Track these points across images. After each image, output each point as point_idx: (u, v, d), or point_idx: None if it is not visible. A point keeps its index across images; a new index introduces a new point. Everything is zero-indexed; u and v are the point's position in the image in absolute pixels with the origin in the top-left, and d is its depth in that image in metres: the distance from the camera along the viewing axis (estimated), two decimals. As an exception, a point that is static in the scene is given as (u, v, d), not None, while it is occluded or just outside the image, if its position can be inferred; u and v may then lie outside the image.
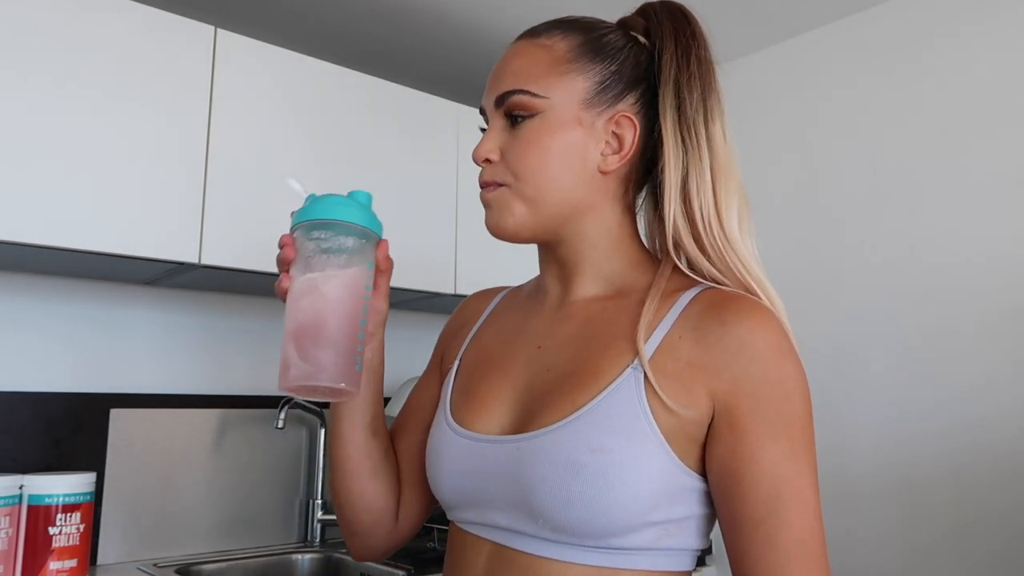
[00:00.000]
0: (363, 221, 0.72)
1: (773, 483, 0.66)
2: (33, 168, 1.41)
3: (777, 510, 0.65)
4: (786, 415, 0.67)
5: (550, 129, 0.74)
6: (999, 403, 1.67)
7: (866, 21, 1.99)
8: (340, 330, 0.70)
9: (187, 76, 1.59)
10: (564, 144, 0.74)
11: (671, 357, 0.69)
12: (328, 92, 1.80)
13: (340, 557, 1.85)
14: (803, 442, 0.67)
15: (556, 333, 0.79)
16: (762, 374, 0.67)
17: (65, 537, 1.47)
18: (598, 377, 0.71)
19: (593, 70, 0.76)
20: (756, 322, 0.69)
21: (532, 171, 0.74)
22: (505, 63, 0.78)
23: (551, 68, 0.75)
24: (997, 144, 1.73)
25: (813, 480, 0.67)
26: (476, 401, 0.79)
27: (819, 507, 0.67)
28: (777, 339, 0.68)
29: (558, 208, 0.75)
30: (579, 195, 0.76)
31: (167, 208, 1.54)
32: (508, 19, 2.06)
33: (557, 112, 0.74)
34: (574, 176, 0.75)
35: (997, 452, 1.66)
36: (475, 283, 1.98)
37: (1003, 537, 1.63)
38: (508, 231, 0.76)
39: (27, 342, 1.70)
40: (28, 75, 1.42)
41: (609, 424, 0.68)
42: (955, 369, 1.74)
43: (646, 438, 0.67)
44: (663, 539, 0.69)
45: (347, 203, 0.72)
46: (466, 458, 0.76)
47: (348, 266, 0.72)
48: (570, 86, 0.75)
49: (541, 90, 0.74)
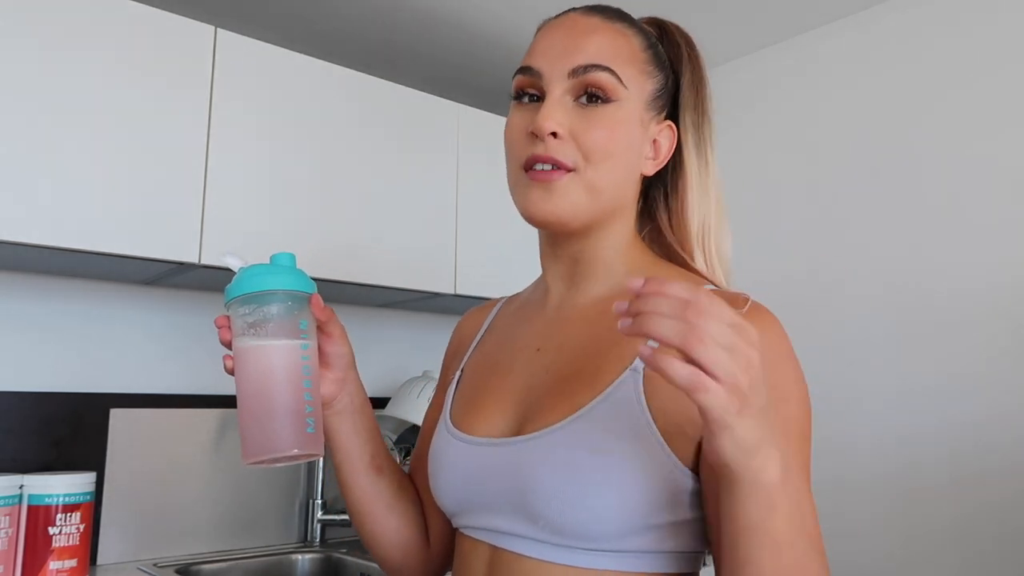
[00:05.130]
0: (284, 285, 0.72)
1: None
2: (33, 168, 1.41)
3: None
4: (783, 419, 0.65)
5: (625, 121, 0.74)
6: (998, 401, 1.67)
7: (866, 21, 1.99)
8: (282, 400, 0.71)
9: (187, 76, 1.59)
10: (630, 139, 0.75)
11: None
12: (328, 92, 1.80)
13: (340, 557, 1.85)
14: (798, 443, 0.66)
15: (556, 335, 0.78)
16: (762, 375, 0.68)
17: (65, 537, 1.47)
18: (598, 378, 0.70)
19: (657, 76, 0.78)
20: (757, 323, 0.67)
21: (603, 159, 0.72)
22: (583, 35, 0.74)
23: (633, 60, 0.75)
24: (998, 144, 1.73)
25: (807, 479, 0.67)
26: (475, 405, 0.79)
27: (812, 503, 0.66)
28: (777, 342, 0.68)
29: (611, 202, 0.75)
30: (626, 192, 0.77)
31: (167, 208, 1.54)
32: (508, 19, 2.06)
33: (631, 105, 0.74)
34: (629, 173, 0.76)
35: (996, 450, 1.66)
36: (475, 283, 1.98)
37: (1001, 534, 1.63)
38: (560, 216, 0.73)
39: (27, 342, 1.70)
40: (28, 74, 1.42)
41: (608, 425, 0.67)
42: (954, 368, 1.74)
43: (645, 439, 0.66)
44: (664, 541, 0.68)
45: (266, 271, 0.72)
46: (465, 462, 0.75)
47: (278, 334, 0.72)
48: (643, 85, 0.76)
49: (627, 79, 0.74)
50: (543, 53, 0.75)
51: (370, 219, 1.83)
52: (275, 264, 0.74)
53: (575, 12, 0.78)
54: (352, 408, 0.82)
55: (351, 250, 1.79)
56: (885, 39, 1.95)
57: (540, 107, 0.73)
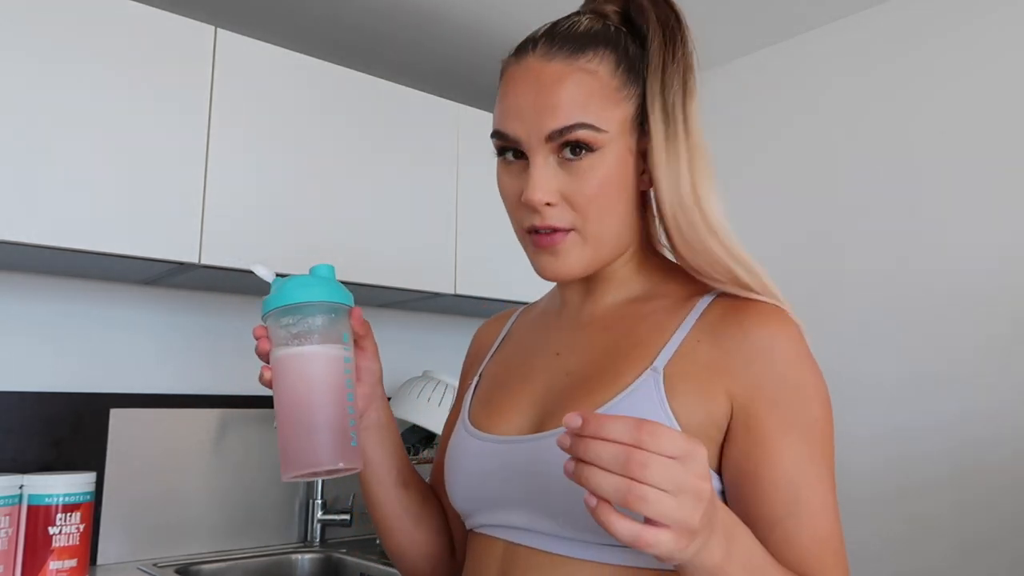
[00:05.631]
0: (328, 296, 0.72)
1: (792, 485, 0.66)
2: (33, 168, 1.41)
3: (797, 512, 0.66)
4: (804, 419, 0.67)
5: (613, 165, 0.70)
6: (996, 393, 1.67)
7: (866, 21, 1.99)
8: (327, 411, 0.69)
9: (187, 76, 1.59)
10: (622, 177, 0.71)
11: (689, 360, 0.70)
12: (328, 92, 1.80)
13: (340, 557, 1.85)
14: (822, 446, 0.68)
15: (575, 340, 0.78)
16: (781, 378, 0.68)
17: (65, 537, 1.47)
18: (618, 378, 0.70)
19: (635, 93, 0.72)
20: (776, 327, 0.69)
21: (601, 212, 0.70)
22: (549, 90, 0.70)
23: (606, 98, 0.70)
24: (998, 144, 1.73)
25: (831, 482, 0.68)
26: (494, 406, 0.79)
27: (836, 507, 0.68)
28: (796, 345, 0.69)
29: (618, 243, 0.74)
30: (630, 221, 0.74)
31: (167, 208, 1.54)
32: (509, 19, 2.06)
33: (616, 145, 0.70)
34: (629, 208, 0.73)
35: (993, 442, 1.66)
36: (475, 283, 1.99)
37: (999, 526, 1.63)
38: (571, 275, 0.73)
39: (27, 342, 1.70)
40: (28, 75, 1.42)
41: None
42: (952, 361, 1.74)
43: None
44: None
45: (309, 282, 0.72)
46: (483, 460, 0.76)
47: (324, 342, 0.71)
48: (623, 115, 0.71)
49: (603, 123, 0.69)
50: (515, 115, 0.71)
51: (370, 219, 1.83)
52: (316, 275, 0.73)
53: (534, 56, 0.72)
54: (379, 424, 0.82)
55: (351, 250, 1.79)
56: (885, 39, 1.95)
57: (527, 169, 0.71)
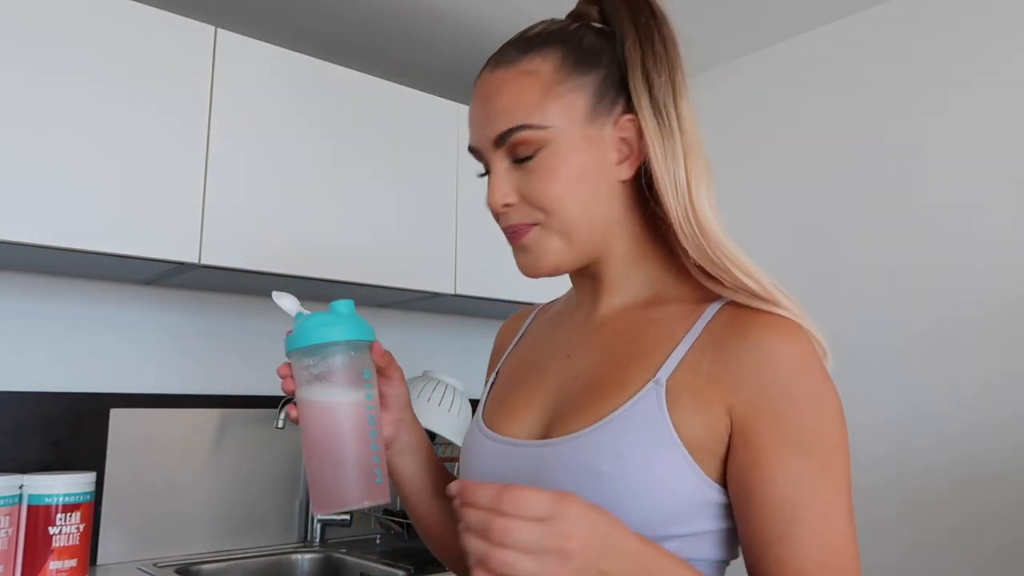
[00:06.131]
0: (347, 336, 0.72)
1: (788, 504, 0.64)
2: (33, 168, 1.41)
3: (791, 533, 0.63)
4: (806, 433, 0.65)
5: (563, 156, 0.71)
6: (999, 400, 1.67)
7: (866, 21, 1.99)
8: (350, 454, 0.72)
9: (187, 76, 1.59)
10: (580, 168, 0.71)
11: (692, 372, 0.68)
12: (328, 92, 1.80)
13: (340, 557, 1.85)
14: (828, 461, 0.65)
15: (586, 343, 0.78)
16: (782, 391, 0.65)
17: (65, 537, 1.47)
18: (623, 387, 0.70)
19: (586, 81, 0.72)
20: (780, 337, 0.67)
21: (559, 203, 0.71)
22: (491, 99, 0.73)
23: (545, 93, 0.71)
24: (998, 143, 1.73)
25: (839, 501, 0.65)
26: (507, 407, 0.80)
27: (847, 529, 0.65)
28: (801, 355, 0.66)
29: (591, 232, 0.73)
30: (607, 212, 0.74)
31: (167, 208, 1.54)
32: (509, 18, 2.06)
33: (564, 137, 0.71)
34: (598, 196, 0.72)
35: (998, 455, 1.66)
36: (475, 283, 1.98)
37: (1003, 539, 1.63)
38: (547, 269, 0.74)
39: (27, 342, 1.70)
40: (28, 75, 1.42)
41: (632, 434, 0.67)
42: (955, 367, 1.74)
43: (668, 450, 0.66)
44: (686, 550, 0.68)
45: (329, 321, 0.72)
46: (494, 461, 0.76)
47: (344, 384, 0.72)
48: (570, 106, 0.71)
49: (542, 120, 0.71)
50: (471, 129, 0.76)
51: (370, 219, 1.83)
52: (335, 313, 0.73)
53: (486, 70, 0.75)
54: (411, 446, 0.84)
55: (351, 250, 1.79)
56: (885, 39, 1.95)
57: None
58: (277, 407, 1.90)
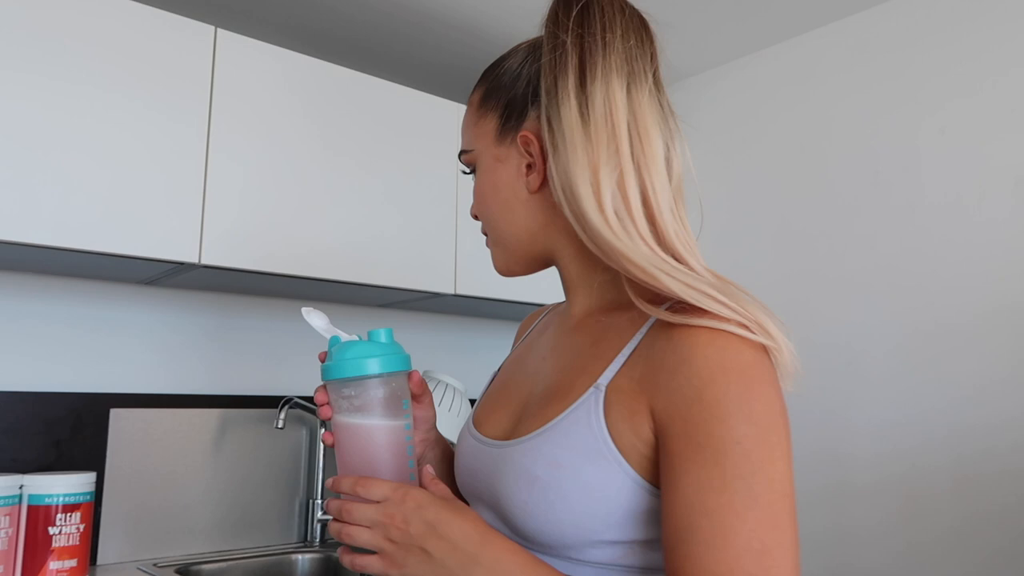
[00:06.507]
0: (389, 367, 0.73)
1: (687, 512, 0.61)
2: (33, 168, 1.41)
3: (686, 542, 0.61)
4: (718, 441, 0.61)
5: (484, 176, 0.80)
6: (998, 401, 1.67)
7: (866, 21, 1.99)
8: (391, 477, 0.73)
9: (187, 76, 1.59)
10: (494, 185, 0.79)
11: (628, 376, 0.68)
12: (328, 92, 1.80)
13: (340, 557, 1.85)
14: (740, 472, 0.60)
15: (559, 346, 0.80)
16: (695, 394, 0.62)
17: (65, 537, 1.47)
18: (569, 393, 0.71)
19: (496, 106, 0.79)
20: (702, 339, 0.64)
21: (485, 216, 0.82)
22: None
23: (472, 120, 0.82)
24: (998, 143, 1.73)
25: (753, 514, 0.60)
26: (490, 406, 0.83)
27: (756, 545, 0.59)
28: (722, 357, 0.63)
29: (517, 241, 0.80)
30: (528, 222, 0.78)
31: (167, 208, 1.54)
32: (509, 18, 2.06)
33: (483, 158, 0.80)
34: (513, 208, 0.78)
35: (998, 455, 1.66)
36: (475, 283, 1.98)
37: (1003, 535, 1.63)
38: (501, 271, 0.84)
39: (27, 342, 1.70)
40: (28, 75, 1.42)
41: (567, 441, 0.68)
42: (954, 368, 1.74)
43: (602, 457, 0.66)
44: (629, 556, 0.68)
45: (370, 352, 0.73)
46: (472, 458, 0.79)
47: (384, 414, 0.74)
48: (484, 131, 0.80)
49: (469, 144, 0.82)
50: None
51: (370, 219, 1.83)
52: (375, 342, 0.74)
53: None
54: (436, 460, 0.90)
55: (351, 250, 1.79)
56: (885, 39, 1.95)
57: None
58: (277, 407, 1.90)
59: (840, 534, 1.88)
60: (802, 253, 2.04)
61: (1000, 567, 1.63)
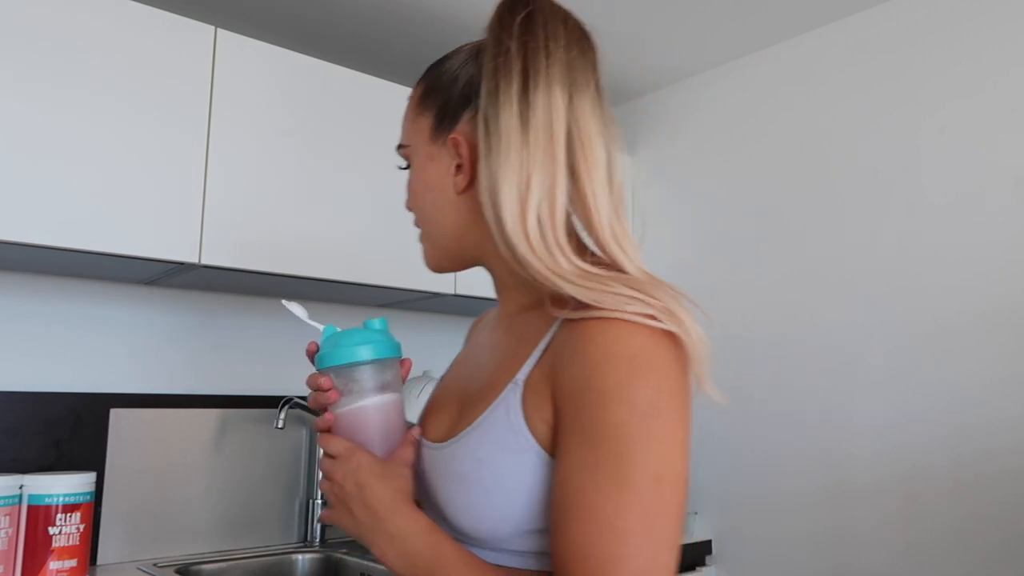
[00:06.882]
0: (387, 353, 0.79)
1: (563, 491, 0.64)
2: (33, 168, 1.41)
3: (561, 520, 0.63)
4: (599, 424, 0.63)
5: (416, 172, 0.82)
6: (998, 401, 1.67)
7: (866, 21, 1.99)
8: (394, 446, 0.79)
9: (187, 76, 1.59)
10: (425, 182, 0.81)
11: (540, 371, 0.70)
12: (328, 92, 1.80)
13: (340, 557, 1.85)
14: (614, 454, 0.62)
15: (490, 346, 0.83)
16: (585, 380, 0.64)
17: (65, 537, 1.47)
18: (491, 392, 0.73)
19: (433, 105, 0.80)
20: (593, 330, 0.65)
21: (418, 212, 0.84)
22: None
23: (409, 117, 0.84)
24: (997, 143, 1.73)
25: (626, 498, 0.61)
26: (432, 410, 0.86)
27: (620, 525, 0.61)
28: (610, 344, 0.64)
29: (444, 238, 0.82)
30: (456, 220, 0.80)
31: (167, 208, 1.54)
32: (508, 19, 2.05)
33: (417, 154, 0.82)
34: (441, 206, 0.80)
35: (997, 455, 1.66)
36: (475, 283, 1.98)
37: (1002, 534, 1.63)
38: (431, 267, 0.85)
39: (27, 342, 1.70)
40: (28, 75, 1.42)
41: (489, 438, 0.70)
42: (954, 368, 1.74)
43: (521, 450, 0.68)
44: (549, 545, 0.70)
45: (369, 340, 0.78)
46: (418, 461, 0.80)
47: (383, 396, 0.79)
48: (420, 128, 0.81)
49: (406, 139, 0.84)
50: None
51: (370, 219, 1.83)
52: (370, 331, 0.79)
53: None
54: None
55: (351, 250, 1.79)
56: (885, 39, 1.95)
57: None
58: (277, 407, 1.90)
59: (840, 534, 1.88)
60: (802, 253, 2.03)
61: (1000, 567, 1.63)
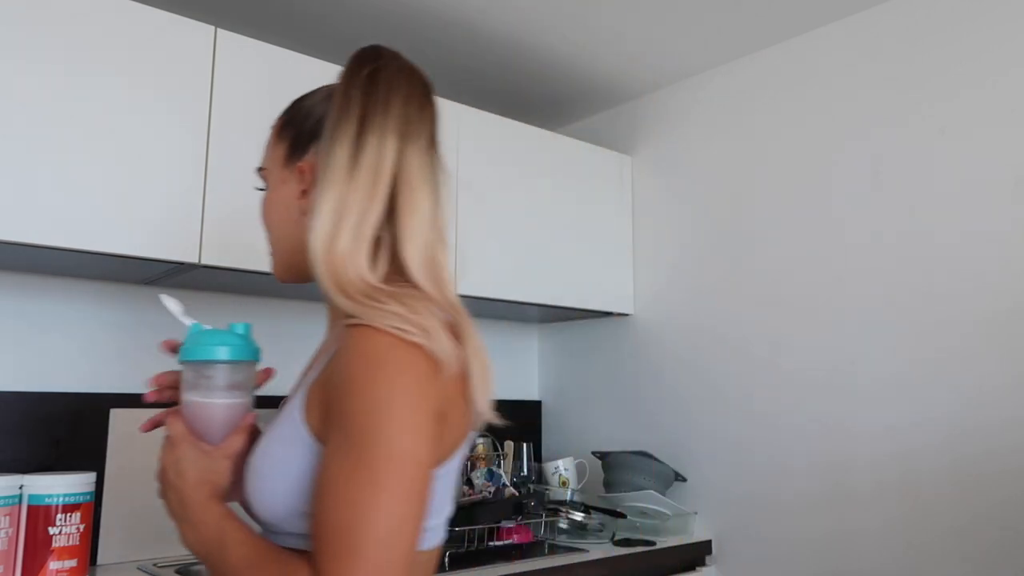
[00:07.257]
0: (243, 356, 0.87)
1: (319, 473, 0.73)
2: (33, 168, 1.41)
3: (314, 497, 0.73)
4: (345, 413, 0.72)
5: (271, 192, 0.93)
6: (998, 403, 1.67)
7: (866, 21, 1.99)
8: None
9: (187, 76, 1.59)
10: (274, 202, 0.92)
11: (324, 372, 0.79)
12: (328, 92, 1.80)
13: (340, 557, 1.85)
14: (358, 440, 0.71)
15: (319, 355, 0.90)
16: (339, 376, 0.75)
17: (65, 537, 1.47)
18: (294, 394, 0.84)
19: (288, 135, 0.92)
20: (350, 334, 0.75)
21: (269, 228, 0.93)
22: None
23: (270, 143, 0.95)
24: (997, 143, 1.73)
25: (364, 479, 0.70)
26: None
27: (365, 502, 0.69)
28: (358, 346, 0.74)
29: (286, 252, 0.91)
30: (297, 237, 0.88)
31: (167, 208, 1.54)
32: (508, 19, 2.06)
33: (271, 177, 0.93)
34: (286, 224, 0.91)
35: (997, 456, 1.66)
36: (475, 283, 1.98)
37: (1002, 536, 1.63)
38: (276, 277, 0.94)
39: (27, 342, 1.70)
40: (29, 75, 1.42)
41: (277, 433, 0.81)
42: (954, 369, 1.74)
43: (300, 443, 0.77)
44: None
45: (229, 342, 0.86)
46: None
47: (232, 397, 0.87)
48: (276, 154, 0.93)
49: (264, 163, 0.95)
50: None
51: (370, 219, 1.83)
52: (233, 333, 0.87)
53: None
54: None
55: (351, 250, 1.79)
56: (885, 39, 1.95)
57: None
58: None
59: (840, 534, 1.88)
60: (802, 253, 2.03)
61: (1000, 568, 1.63)
